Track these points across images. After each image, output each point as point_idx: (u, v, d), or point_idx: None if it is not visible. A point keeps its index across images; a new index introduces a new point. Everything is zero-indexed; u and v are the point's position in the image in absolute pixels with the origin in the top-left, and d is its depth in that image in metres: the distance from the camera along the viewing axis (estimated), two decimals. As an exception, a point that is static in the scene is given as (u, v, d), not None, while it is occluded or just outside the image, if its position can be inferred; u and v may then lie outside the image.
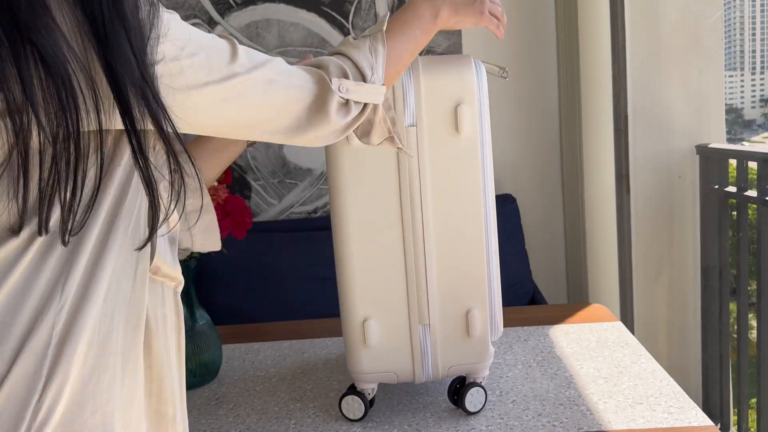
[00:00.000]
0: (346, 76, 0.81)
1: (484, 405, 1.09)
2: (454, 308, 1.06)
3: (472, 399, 1.07)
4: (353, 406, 1.09)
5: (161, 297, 0.71)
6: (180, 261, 1.32)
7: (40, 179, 0.56)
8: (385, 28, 0.87)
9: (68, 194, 0.57)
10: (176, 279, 0.74)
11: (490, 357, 1.10)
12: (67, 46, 0.55)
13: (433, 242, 1.04)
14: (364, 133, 0.90)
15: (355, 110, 0.81)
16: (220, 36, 0.71)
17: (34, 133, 0.55)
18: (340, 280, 1.07)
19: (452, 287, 1.06)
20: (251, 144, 1.08)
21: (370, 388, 1.10)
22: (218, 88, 0.68)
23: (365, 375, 1.08)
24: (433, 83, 1.04)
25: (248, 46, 0.74)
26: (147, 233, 0.65)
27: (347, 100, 0.80)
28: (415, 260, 1.04)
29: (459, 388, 1.10)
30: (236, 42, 0.72)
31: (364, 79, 0.82)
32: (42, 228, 0.57)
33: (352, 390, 1.10)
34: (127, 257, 0.64)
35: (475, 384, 1.08)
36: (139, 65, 0.59)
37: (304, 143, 0.81)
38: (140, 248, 0.64)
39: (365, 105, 0.83)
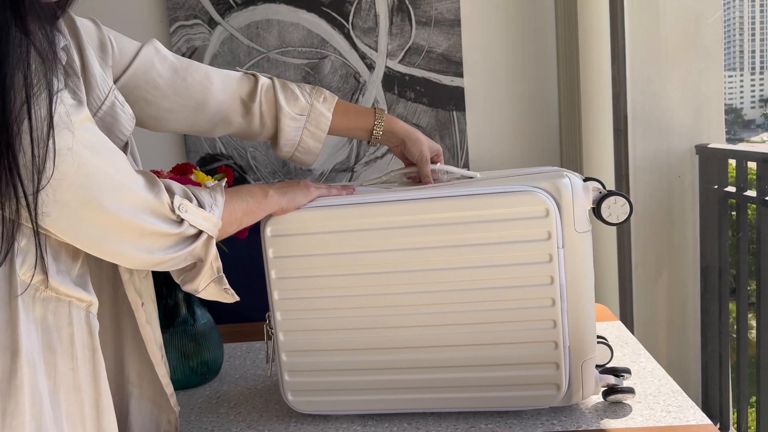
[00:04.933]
0: (188, 199, 0.81)
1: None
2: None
3: None
4: None
5: (68, 316, 0.72)
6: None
7: None
8: (223, 184, 0.90)
9: None
10: (84, 300, 0.74)
11: None
12: None
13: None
14: (190, 278, 0.86)
15: (188, 231, 0.80)
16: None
17: None
18: None
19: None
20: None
21: None
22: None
23: None
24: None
25: (248, 46, 0.75)
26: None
27: (182, 220, 0.79)
28: None
29: None
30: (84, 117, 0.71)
31: (203, 208, 0.82)
32: None
33: None
34: None
35: None
36: None
37: (128, 262, 0.78)
38: None
39: (200, 232, 0.82)
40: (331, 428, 1.09)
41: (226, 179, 0.94)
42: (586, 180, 1.04)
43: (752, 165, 1.75)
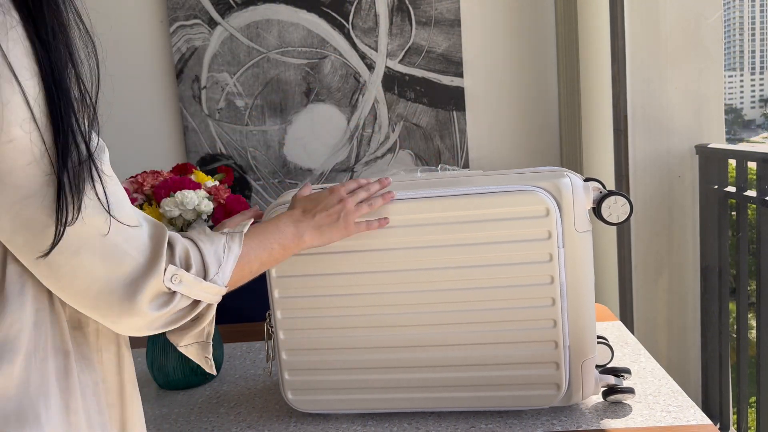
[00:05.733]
0: (187, 267, 0.72)
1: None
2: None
3: None
4: None
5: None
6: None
7: None
8: (245, 230, 0.82)
9: None
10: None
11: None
12: None
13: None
14: (176, 333, 0.79)
15: (180, 303, 0.71)
16: None
17: None
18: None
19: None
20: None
21: None
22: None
23: None
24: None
25: (248, 46, 0.74)
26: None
27: (174, 292, 0.70)
28: None
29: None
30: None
31: (206, 275, 0.74)
32: None
33: None
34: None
35: None
36: None
37: (117, 328, 0.69)
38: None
39: (196, 302, 0.73)
40: (331, 428, 1.09)
41: (252, 220, 0.86)
42: (586, 180, 1.04)
43: (752, 165, 1.75)
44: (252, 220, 0.87)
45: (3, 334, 0.63)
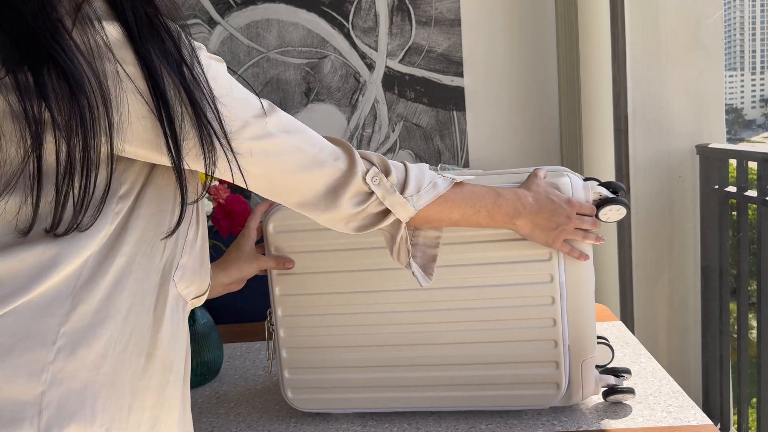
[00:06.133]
0: (386, 173, 0.80)
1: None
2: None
3: None
4: None
5: (183, 311, 0.74)
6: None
7: (56, 182, 0.60)
8: (461, 180, 0.88)
9: (80, 193, 0.60)
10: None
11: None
12: (86, 65, 0.58)
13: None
14: (390, 246, 0.88)
15: (372, 207, 0.80)
16: (258, 98, 0.73)
17: (50, 141, 0.58)
18: None
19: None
20: None
21: None
22: (250, 142, 0.69)
23: None
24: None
25: (248, 46, 0.75)
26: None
27: (372, 192, 0.79)
28: None
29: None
30: (272, 105, 0.73)
31: (402, 191, 0.81)
32: (54, 226, 0.60)
33: None
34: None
35: None
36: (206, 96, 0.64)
37: (320, 221, 0.80)
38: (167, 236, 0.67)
39: (387, 212, 0.81)
40: (331, 428, 1.09)
41: (473, 177, 0.91)
42: (585, 180, 1.04)
43: (753, 165, 1.75)
44: (473, 176, 0.91)
45: (91, 320, 0.62)
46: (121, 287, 0.64)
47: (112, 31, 0.59)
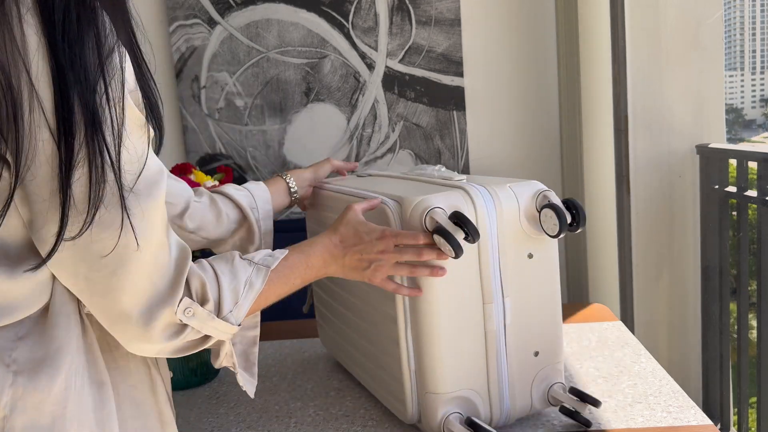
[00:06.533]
0: (203, 301, 0.71)
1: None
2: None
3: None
4: None
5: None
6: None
7: None
8: (274, 266, 0.80)
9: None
10: None
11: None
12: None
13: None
14: (213, 354, 0.81)
15: (190, 336, 0.71)
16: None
17: None
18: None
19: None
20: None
21: None
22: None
23: None
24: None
25: (248, 46, 0.74)
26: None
27: (185, 325, 0.70)
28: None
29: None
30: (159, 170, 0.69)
31: (219, 312, 0.73)
32: None
33: None
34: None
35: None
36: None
37: (119, 339, 0.68)
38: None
39: (208, 337, 0.73)
40: (331, 428, 1.09)
41: (286, 251, 0.84)
42: (565, 202, 0.96)
43: (753, 165, 1.75)
44: (286, 251, 0.84)
45: (45, 351, 0.63)
46: (55, 318, 0.65)
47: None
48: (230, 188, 1.13)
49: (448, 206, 0.92)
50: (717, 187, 1.90)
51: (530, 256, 0.98)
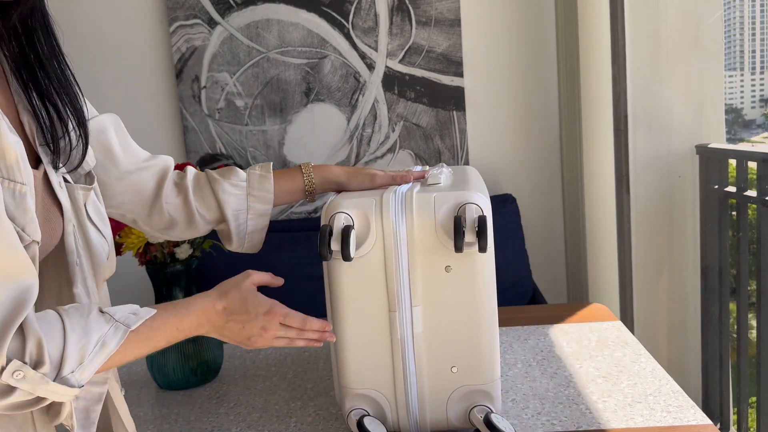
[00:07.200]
0: (37, 364, 0.65)
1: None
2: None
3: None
4: None
5: None
6: (181, 260, 1.33)
7: None
8: (135, 326, 0.74)
9: None
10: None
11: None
12: None
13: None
14: (53, 412, 0.72)
15: (20, 397, 0.65)
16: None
17: None
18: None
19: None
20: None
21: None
22: None
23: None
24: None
25: (248, 46, 0.73)
26: None
27: (14, 387, 0.64)
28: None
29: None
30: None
31: (59, 373, 0.66)
32: None
33: None
34: None
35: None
36: None
37: None
38: None
39: (41, 398, 0.67)
40: (331, 428, 1.09)
41: (155, 311, 0.78)
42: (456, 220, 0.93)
43: (752, 165, 1.75)
44: (154, 310, 0.78)
45: None
46: None
47: None
48: (226, 185, 1.02)
49: (355, 214, 0.95)
50: (717, 187, 1.90)
51: (448, 268, 0.96)
